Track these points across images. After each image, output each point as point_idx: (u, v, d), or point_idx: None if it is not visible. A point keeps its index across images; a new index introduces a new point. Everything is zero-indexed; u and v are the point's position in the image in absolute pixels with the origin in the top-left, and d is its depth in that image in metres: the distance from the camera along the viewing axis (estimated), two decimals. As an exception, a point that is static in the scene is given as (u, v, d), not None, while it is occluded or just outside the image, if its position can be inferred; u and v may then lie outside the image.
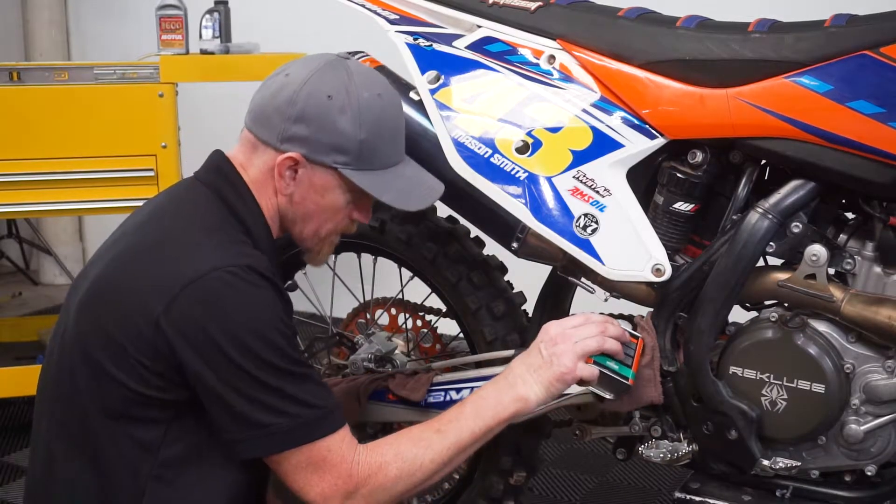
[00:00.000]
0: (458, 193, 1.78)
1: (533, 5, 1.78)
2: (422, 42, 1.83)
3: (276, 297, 1.42)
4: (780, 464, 1.68)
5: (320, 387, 1.46)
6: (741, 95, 1.60)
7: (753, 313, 1.73)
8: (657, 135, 1.67)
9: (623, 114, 1.68)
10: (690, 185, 1.68)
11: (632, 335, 1.64)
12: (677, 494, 1.75)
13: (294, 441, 1.41)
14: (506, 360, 1.87)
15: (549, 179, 1.70)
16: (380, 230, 1.97)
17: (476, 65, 1.78)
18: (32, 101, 2.65)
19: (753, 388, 1.68)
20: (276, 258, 1.56)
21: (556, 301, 1.97)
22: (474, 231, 1.94)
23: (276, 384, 1.38)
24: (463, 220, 1.93)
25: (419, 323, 2.18)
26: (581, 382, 1.58)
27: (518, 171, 1.71)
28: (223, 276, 1.37)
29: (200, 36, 2.83)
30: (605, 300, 1.82)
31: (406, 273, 2.06)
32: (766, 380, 1.67)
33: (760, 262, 1.68)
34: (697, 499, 1.73)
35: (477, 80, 1.77)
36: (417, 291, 2.11)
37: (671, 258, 1.69)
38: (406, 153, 1.63)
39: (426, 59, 1.80)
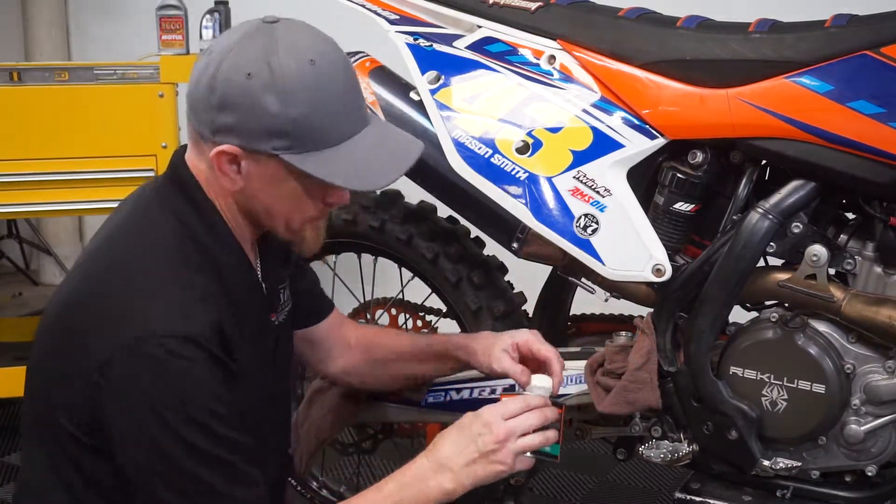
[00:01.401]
0: (459, 193, 1.78)
1: (533, 5, 1.77)
2: (422, 42, 1.83)
3: (210, 370, 1.28)
4: (781, 464, 1.67)
5: (248, 471, 1.32)
6: (742, 95, 1.60)
7: (754, 313, 1.73)
8: (657, 135, 1.67)
9: (623, 114, 1.68)
10: (691, 185, 1.67)
11: (555, 404, 1.52)
12: (678, 495, 1.75)
13: None
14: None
15: (549, 179, 1.70)
16: (380, 230, 1.97)
17: (476, 65, 1.78)
18: (32, 101, 2.64)
19: (754, 388, 1.68)
20: (249, 274, 1.44)
21: (556, 301, 1.97)
22: (474, 231, 1.94)
23: (200, 471, 1.26)
24: (463, 220, 1.93)
25: (419, 323, 2.18)
26: None
27: (518, 172, 1.71)
28: (154, 350, 1.24)
29: (201, 36, 2.82)
30: (606, 300, 1.82)
31: (406, 273, 2.06)
32: (767, 380, 1.67)
33: (761, 263, 1.68)
34: (698, 499, 1.73)
35: (477, 80, 1.77)
36: (417, 291, 2.11)
37: (671, 258, 1.69)
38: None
39: (426, 59, 1.80)
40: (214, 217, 1.38)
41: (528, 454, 1.46)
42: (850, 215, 1.68)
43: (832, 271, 1.65)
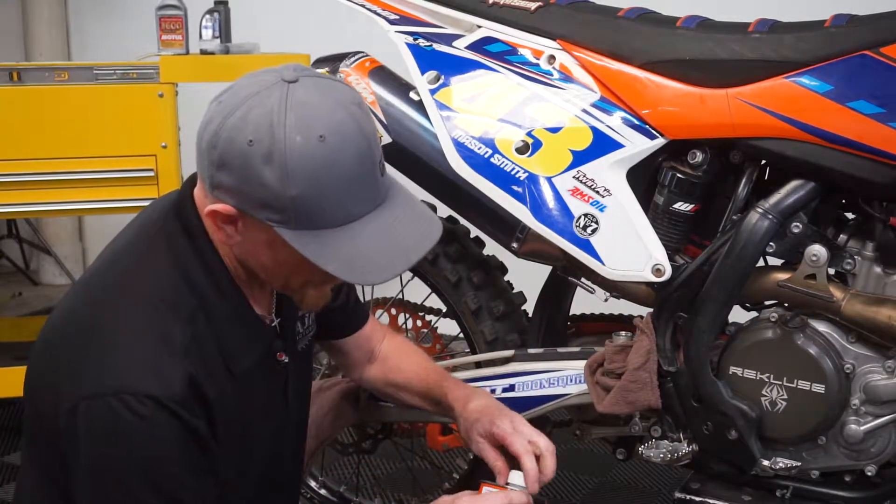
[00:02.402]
0: (458, 193, 1.78)
1: (533, 5, 1.78)
2: (422, 42, 1.83)
3: (173, 432, 1.23)
4: (780, 464, 1.68)
5: None
6: (741, 95, 1.60)
7: (753, 313, 1.73)
8: (657, 135, 1.67)
9: (623, 114, 1.68)
10: (690, 185, 1.67)
11: (537, 502, 1.44)
12: (677, 495, 1.75)
13: None
14: (505, 360, 1.88)
15: (549, 179, 1.70)
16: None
17: (476, 65, 1.78)
18: (32, 101, 2.64)
19: (753, 388, 1.68)
20: (248, 320, 1.37)
21: (556, 301, 1.97)
22: (474, 231, 1.94)
23: None
24: (463, 220, 1.93)
25: (419, 323, 2.18)
26: None
27: (518, 172, 1.71)
28: (110, 404, 1.20)
29: (200, 36, 2.82)
30: (605, 300, 1.82)
31: (406, 273, 2.06)
32: (767, 380, 1.67)
33: (761, 263, 1.68)
34: (697, 499, 1.73)
35: (477, 80, 1.77)
36: (417, 291, 2.11)
37: (671, 258, 1.69)
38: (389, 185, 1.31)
39: (426, 59, 1.80)
40: (214, 261, 1.32)
41: None
42: (850, 215, 1.69)
43: (832, 271, 1.65)
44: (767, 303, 1.71)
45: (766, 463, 1.68)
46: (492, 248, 1.93)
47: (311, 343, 1.58)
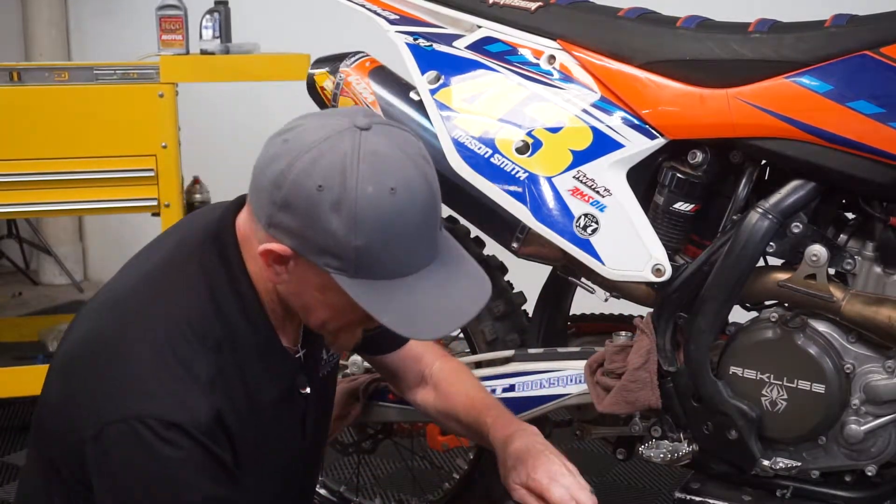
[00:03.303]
0: (458, 193, 1.78)
1: (533, 5, 1.78)
2: (422, 42, 1.83)
3: (197, 461, 1.22)
4: (781, 464, 1.67)
5: None
6: (741, 95, 1.60)
7: (753, 313, 1.73)
8: (657, 135, 1.67)
9: (623, 114, 1.68)
10: (690, 185, 1.67)
11: None
12: (677, 494, 1.75)
13: None
14: (505, 360, 1.88)
15: (549, 179, 1.70)
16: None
17: (476, 65, 1.78)
18: (32, 101, 2.65)
19: (753, 388, 1.68)
20: (275, 354, 1.37)
21: (556, 301, 1.97)
22: (474, 231, 1.94)
23: None
24: (463, 220, 1.93)
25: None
26: None
27: (518, 172, 1.71)
28: (135, 428, 1.19)
29: (200, 36, 2.83)
30: (605, 300, 1.82)
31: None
32: (767, 380, 1.67)
33: (761, 262, 1.68)
34: (698, 499, 1.73)
35: (477, 80, 1.77)
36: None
37: (671, 258, 1.69)
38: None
39: (426, 59, 1.80)
40: (248, 293, 1.31)
41: None
42: (850, 215, 1.69)
43: (832, 271, 1.65)
44: (767, 303, 1.70)
45: (766, 463, 1.68)
46: (492, 248, 1.93)
47: (334, 368, 1.57)
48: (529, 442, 1.47)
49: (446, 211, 1.91)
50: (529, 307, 2.02)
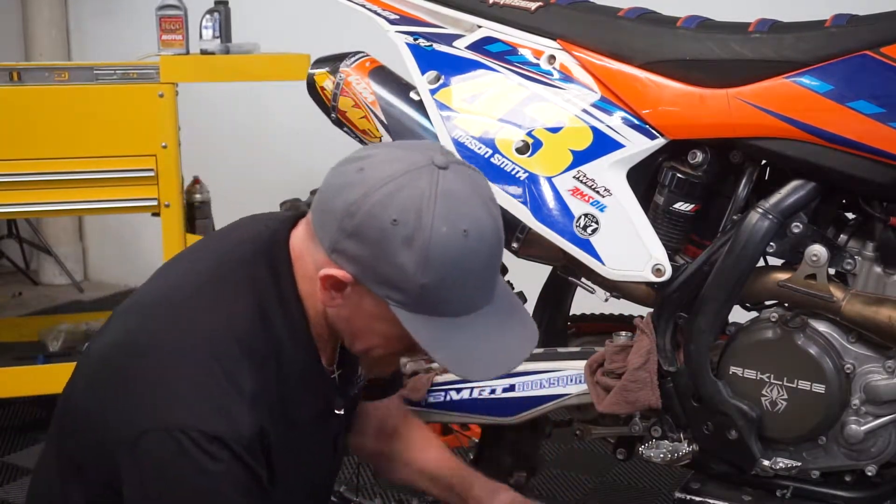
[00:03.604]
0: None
1: (533, 5, 1.77)
2: (422, 42, 1.83)
3: (235, 474, 1.22)
4: (781, 464, 1.67)
5: None
6: (741, 95, 1.60)
7: (754, 313, 1.73)
8: (657, 135, 1.67)
9: (623, 114, 1.68)
10: (691, 185, 1.67)
11: None
12: (677, 494, 1.75)
13: None
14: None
15: (549, 179, 1.70)
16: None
17: (476, 65, 1.78)
18: (32, 101, 2.65)
19: (754, 388, 1.67)
20: (315, 373, 1.37)
21: (556, 301, 1.97)
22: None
23: None
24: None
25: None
26: None
27: (518, 172, 1.71)
28: (178, 438, 1.19)
29: (200, 36, 2.83)
30: (606, 300, 1.82)
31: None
32: (767, 380, 1.66)
33: (761, 263, 1.68)
34: (698, 499, 1.73)
35: (477, 80, 1.77)
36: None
37: (671, 258, 1.69)
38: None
39: (426, 59, 1.80)
40: (296, 313, 1.31)
41: None
42: (850, 215, 1.68)
43: (832, 271, 1.65)
44: (767, 303, 1.70)
45: (766, 463, 1.68)
46: (492, 248, 1.93)
47: (361, 389, 1.57)
48: (517, 499, 1.59)
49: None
50: (529, 307, 2.01)
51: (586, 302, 1.90)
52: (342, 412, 1.46)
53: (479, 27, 1.81)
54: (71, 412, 1.33)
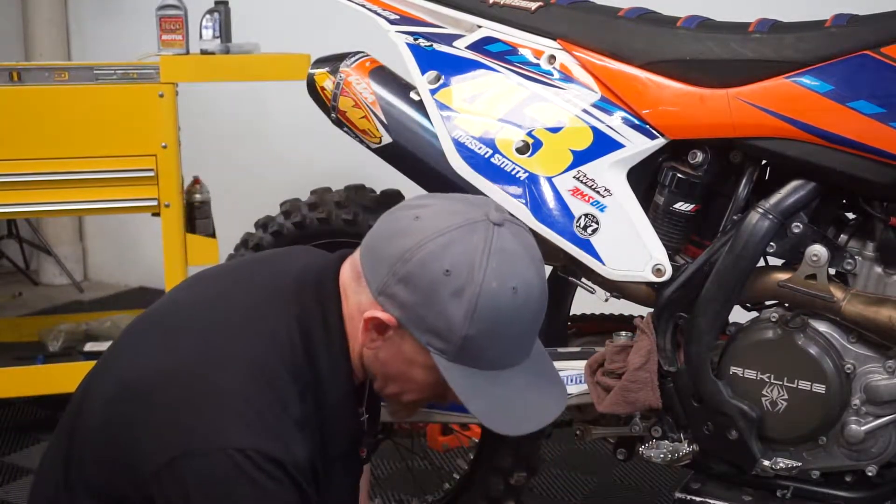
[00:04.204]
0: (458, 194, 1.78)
1: (533, 5, 1.77)
2: (422, 42, 1.83)
3: (292, 497, 1.21)
4: (781, 464, 1.68)
5: None
6: (741, 95, 1.60)
7: (754, 313, 1.73)
8: (657, 135, 1.67)
9: (623, 114, 1.68)
10: (691, 185, 1.67)
11: None
12: (678, 495, 1.75)
13: None
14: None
15: (549, 179, 1.70)
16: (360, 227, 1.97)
17: (476, 65, 1.78)
18: (32, 101, 2.65)
19: (754, 388, 1.68)
20: (350, 411, 1.37)
21: (556, 301, 1.96)
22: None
23: None
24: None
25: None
26: None
27: (518, 172, 1.71)
28: (234, 458, 1.17)
29: (200, 36, 2.83)
30: (606, 300, 1.82)
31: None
32: (767, 380, 1.67)
33: (761, 263, 1.68)
34: (698, 499, 1.73)
35: (477, 80, 1.77)
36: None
37: (671, 258, 1.69)
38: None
39: (426, 59, 1.80)
40: (339, 349, 1.32)
41: None
42: (850, 215, 1.69)
43: (832, 271, 1.65)
44: (768, 303, 1.70)
45: (766, 463, 1.68)
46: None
47: (373, 445, 1.58)
48: None
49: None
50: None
51: (586, 302, 1.90)
52: (365, 455, 1.48)
53: (480, 27, 1.81)
54: (96, 439, 1.29)
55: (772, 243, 1.64)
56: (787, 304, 1.67)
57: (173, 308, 1.39)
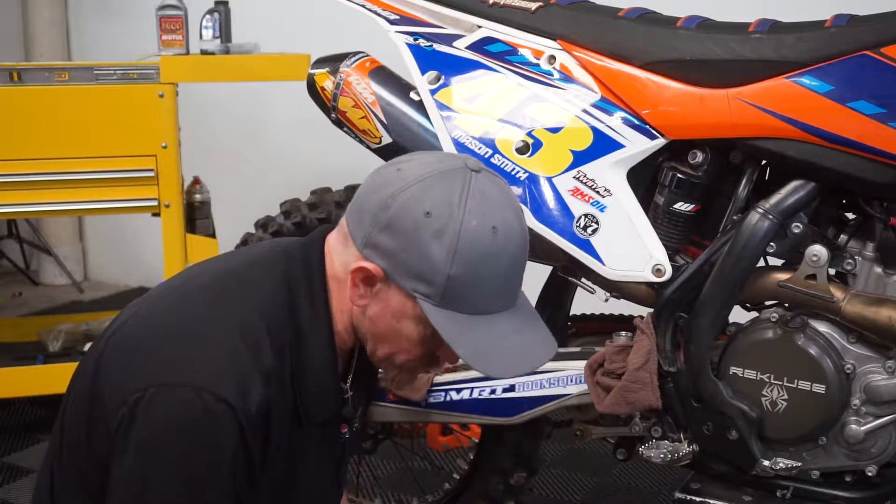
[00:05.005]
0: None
1: (533, 5, 1.77)
2: (422, 42, 1.83)
3: (234, 446, 1.22)
4: (781, 464, 1.67)
5: None
6: (741, 96, 1.60)
7: (754, 313, 1.73)
8: (657, 135, 1.67)
9: (623, 114, 1.68)
10: (691, 185, 1.67)
11: None
12: (678, 495, 1.75)
13: None
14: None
15: (549, 180, 1.70)
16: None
17: (476, 65, 1.78)
18: (32, 101, 2.65)
19: (754, 388, 1.68)
20: (330, 377, 1.37)
21: (556, 301, 1.97)
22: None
23: None
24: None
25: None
26: None
27: (518, 172, 1.71)
28: (191, 399, 1.20)
29: (201, 36, 2.83)
30: (606, 300, 1.82)
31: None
32: (767, 380, 1.66)
33: (761, 263, 1.68)
34: (698, 499, 1.73)
35: (477, 80, 1.77)
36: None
37: (671, 258, 1.69)
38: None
39: (426, 59, 1.80)
40: (322, 311, 1.34)
41: None
42: (850, 215, 1.68)
43: (832, 271, 1.65)
44: (768, 303, 1.70)
45: (766, 463, 1.68)
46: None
47: (358, 431, 1.57)
48: None
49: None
50: (529, 307, 2.02)
51: (586, 302, 1.90)
52: (347, 434, 1.47)
53: (480, 27, 1.81)
54: (83, 401, 1.32)
55: (772, 243, 1.64)
56: (787, 305, 1.67)
57: (163, 286, 1.44)
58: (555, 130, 1.71)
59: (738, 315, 1.72)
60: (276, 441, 1.30)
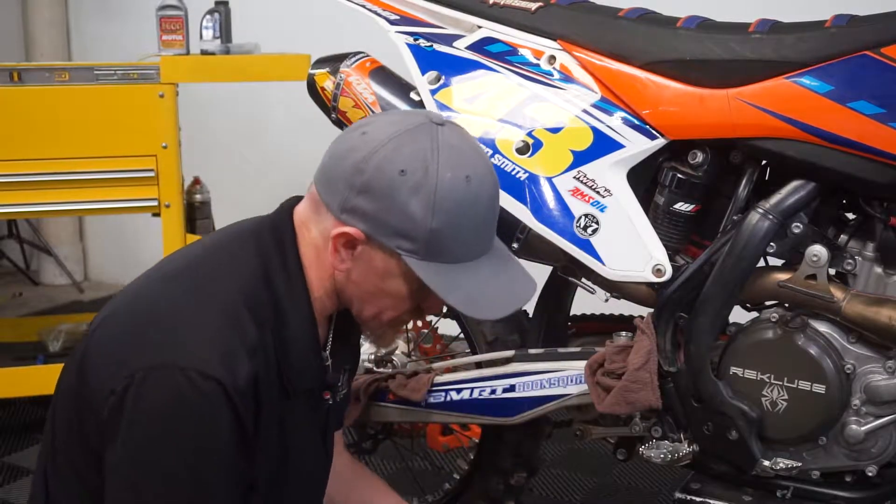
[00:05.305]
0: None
1: (533, 6, 1.78)
2: (422, 42, 1.83)
3: (226, 422, 1.24)
4: (781, 464, 1.67)
5: None
6: (742, 96, 1.60)
7: (754, 314, 1.73)
8: (658, 135, 1.67)
9: (623, 114, 1.68)
10: (691, 185, 1.67)
11: None
12: (678, 495, 1.75)
13: None
14: (506, 361, 1.88)
15: (549, 180, 1.70)
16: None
17: (476, 65, 1.78)
18: (32, 101, 2.65)
19: (754, 388, 1.68)
20: (311, 344, 1.39)
21: (556, 301, 1.97)
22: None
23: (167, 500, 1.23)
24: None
25: (419, 323, 2.17)
26: None
27: (518, 172, 1.71)
28: (178, 379, 1.21)
29: (201, 36, 2.83)
30: (606, 300, 1.82)
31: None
32: (767, 380, 1.66)
33: (761, 263, 1.68)
34: (698, 499, 1.73)
35: (477, 80, 1.77)
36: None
37: (672, 258, 1.69)
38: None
39: (427, 59, 1.80)
40: (298, 282, 1.35)
41: None
42: (851, 215, 1.68)
43: (832, 271, 1.65)
44: (768, 303, 1.70)
45: (766, 463, 1.68)
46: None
47: (343, 400, 1.58)
48: None
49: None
50: (530, 307, 2.01)
51: (586, 302, 1.90)
52: (330, 401, 1.48)
53: (480, 27, 1.81)
54: (75, 387, 1.33)
55: (772, 243, 1.64)
56: (787, 305, 1.67)
57: (142, 275, 1.45)
58: (555, 130, 1.71)
59: (739, 315, 1.72)
60: (266, 411, 1.31)
